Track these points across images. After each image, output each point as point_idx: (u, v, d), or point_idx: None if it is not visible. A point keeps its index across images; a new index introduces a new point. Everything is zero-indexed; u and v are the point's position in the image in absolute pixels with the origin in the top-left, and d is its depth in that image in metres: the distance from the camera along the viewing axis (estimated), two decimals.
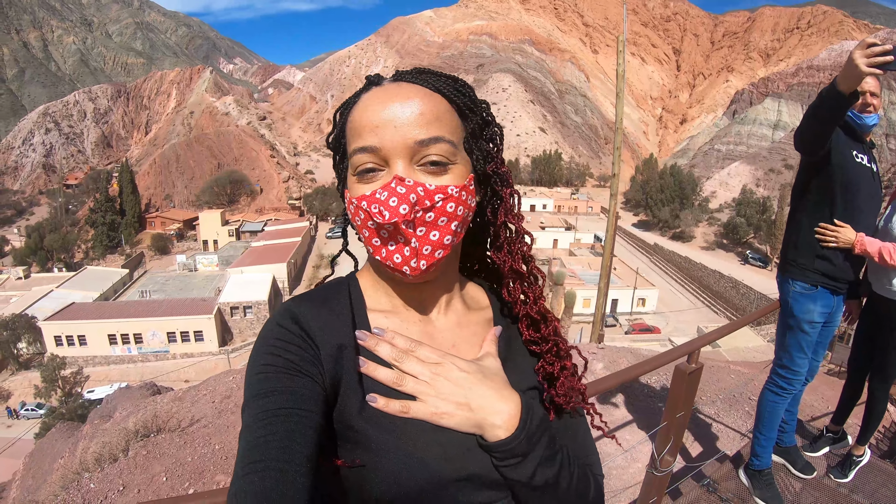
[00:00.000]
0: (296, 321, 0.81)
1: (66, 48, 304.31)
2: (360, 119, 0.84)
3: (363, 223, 0.83)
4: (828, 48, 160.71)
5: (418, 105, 0.83)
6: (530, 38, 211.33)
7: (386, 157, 0.82)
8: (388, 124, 0.81)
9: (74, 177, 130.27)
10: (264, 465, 0.65)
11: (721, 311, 51.95)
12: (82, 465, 5.59)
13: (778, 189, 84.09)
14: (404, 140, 0.81)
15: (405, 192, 0.79)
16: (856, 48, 2.21)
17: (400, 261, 0.82)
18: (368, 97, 0.86)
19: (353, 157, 0.84)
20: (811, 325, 3.01)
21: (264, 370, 0.76)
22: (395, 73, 0.91)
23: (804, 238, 2.92)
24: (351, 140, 0.85)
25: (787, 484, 3.56)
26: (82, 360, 40.21)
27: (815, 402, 7.61)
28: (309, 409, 0.73)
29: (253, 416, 0.71)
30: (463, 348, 0.94)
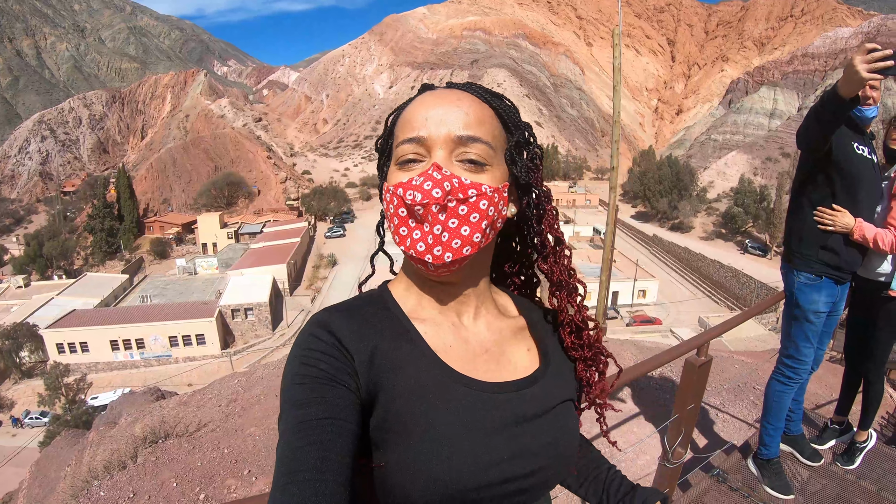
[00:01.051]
0: (329, 330, 0.82)
1: (59, 55, 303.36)
2: (409, 114, 0.88)
3: (395, 210, 0.86)
4: (822, 35, 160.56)
5: (466, 107, 0.88)
6: (524, 32, 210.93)
7: (428, 147, 0.85)
8: (434, 118, 0.85)
9: (72, 183, 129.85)
10: (302, 477, 0.66)
11: (722, 301, 51.96)
12: (91, 473, 5.59)
13: (776, 177, 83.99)
14: (448, 132, 0.84)
15: (440, 178, 0.82)
16: (856, 54, 2.21)
17: (423, 249, 0.83)
18: (420, 97, 0.91)
19: (398, 147, 0.87)
20: (816, 315, 3.03)
21: (300, 381, 0.77)
22: (447, 84, 0.94)
23: (808, 229, 2.94)
24: (398, 134, 0.89)
25: (794, 472, 3.58)
26: (85, 366, 40.22)
27: (818, 390, 7.63)
28: (344, 419, 0.74)
29: (290, 426, 0.72)
30: (495, 354, 0.95)
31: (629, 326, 43.04)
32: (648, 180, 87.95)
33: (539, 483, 0.88)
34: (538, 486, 0.88)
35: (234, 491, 5.33)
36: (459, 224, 0.83)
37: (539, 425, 0.90)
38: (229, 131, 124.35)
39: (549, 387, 0.95)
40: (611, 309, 44.76)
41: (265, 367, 11.19)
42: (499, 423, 0.85)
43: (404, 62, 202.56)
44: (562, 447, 0.92)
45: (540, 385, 0.94)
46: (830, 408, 6.66)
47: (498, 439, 0.84)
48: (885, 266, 3.08)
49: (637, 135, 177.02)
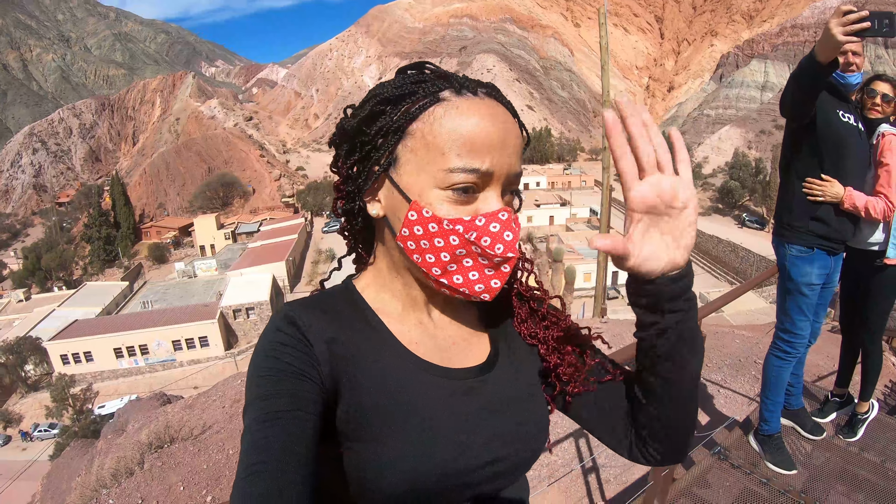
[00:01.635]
0: (293, 323, 0.81)
1: (45, 66, 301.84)
2: (468, 132, 0.78)
3: (448, 246, 0.80)
4: (811, 6, 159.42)
5: (517, 134, 0.82)
6: (511, 16, 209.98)
7: (489, 181, 0.80)
8: (502, 148, 0.79)
9: (66, 194, 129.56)
10: (265, 467, 0.66)
11: (721, 276, 52.02)
12: (99, 482, 5.61)
13: (770, 150, 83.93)
14: (510, 169, 0.80)
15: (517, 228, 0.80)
16: (832, 17, 2.20)
17: (482, 290, 0.82)
18: (472, 107, 0.80)
19: (456, 174, 0.78)
20: (810, 288, 3.02)
21: (264, 373, 0.76)
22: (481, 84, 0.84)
23: (798, 201, 2.93)
24: (449, 150, 0.78)
25: (797, 446, 3.58)
26: (90, 376, 40.32)
27: (820, 360, 7.65)
28: (309, 412, 0.74)
29: (253, 418, 0.72)
30: (461, 345, 0.94)
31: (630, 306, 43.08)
32: None
33: (510, 467, 0.88)
34: (510, 470, 0.88)
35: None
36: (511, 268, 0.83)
37: (503, 410, 0.89)
38: (221, 132, 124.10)
39: (508, 371, 0.94)
40: (611, 289, 44.83)
41: None
42: (466, 409, 0.86)
43: (392, 52, 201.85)
44: (528, 431, 0.91)
45: (498, 369, 0.93)
46: (832, 379, 6.69)
47: (466, 425, 0.84)
48: (876, 235, 3.07)
49: None
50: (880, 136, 2.98)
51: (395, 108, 0.82)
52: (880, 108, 3.02)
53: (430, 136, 0.79)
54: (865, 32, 2.14)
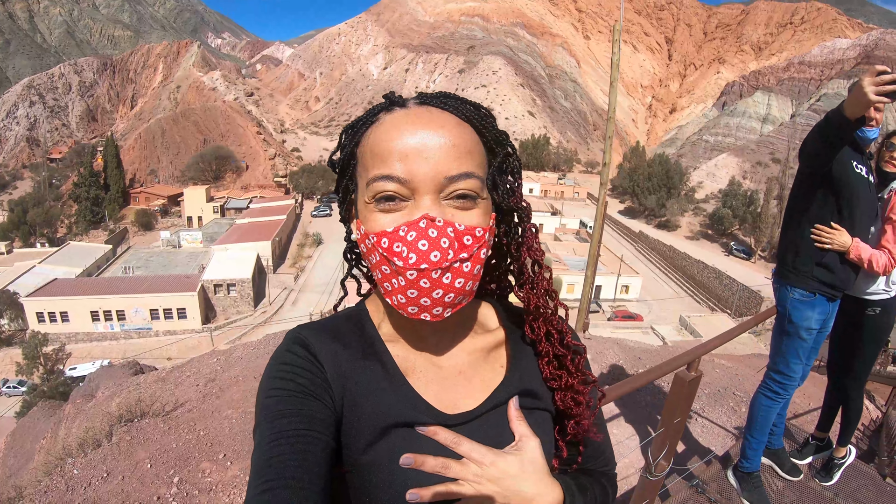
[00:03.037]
0: (305, 346, 0.82)
1: (52, 20, 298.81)
2: (384, 142, 0.78)
3: (378, 264, 0.79)
4: (820, 45, 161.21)
5: (450, 136, 0.78)
6: (522, 21, 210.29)
7: (413, 189, 0.77)
8: (417, 154, 0.76)
9: (59, 150, 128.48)
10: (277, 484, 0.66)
11: (703, 301, 52.39)
12: (66, 451, 5.52)
13: (765, 182, 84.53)
14: (435, 174, 0.76)
15: (436, 235, 0.75)
16: (865, 75, 2.21)
17: (416, 311, 0.78)
18: (393, 119, 0.80)
19: (373, 184, 0.77)
20: (808, 332, 3.03)
21: (276, 394, 0.76)
22: (418, 96, 0.85)
23: (805, 245, 2.93)
24: (371, 164, 0.79)
25: (770, 484, 3.60)
26: (64, 336, 39.91)
27: (797, 399, 7.68)
28: (320, 431, 0.74)
29: (266, 437, 0.71)
30: (468, 374, 0.92)
31: (610, 321, 43.32)
32: (638, 177, 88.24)
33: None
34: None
35: (208, 475, 5.28)
36: (454, 277, 0.77)
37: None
38: (220, 104, 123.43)
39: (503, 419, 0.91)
40: (593, 303, 45.04)
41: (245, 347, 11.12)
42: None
43: (400, 44, 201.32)
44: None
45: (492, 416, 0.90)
46: (808, 418, 6.71)
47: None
48: (874, 286, 3.12)
49: (629, 130, 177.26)
50: (893, 191, 3.01)
51: (349, 137, 0.85)
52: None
53: (363, 157, 0.81)
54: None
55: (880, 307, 3.16)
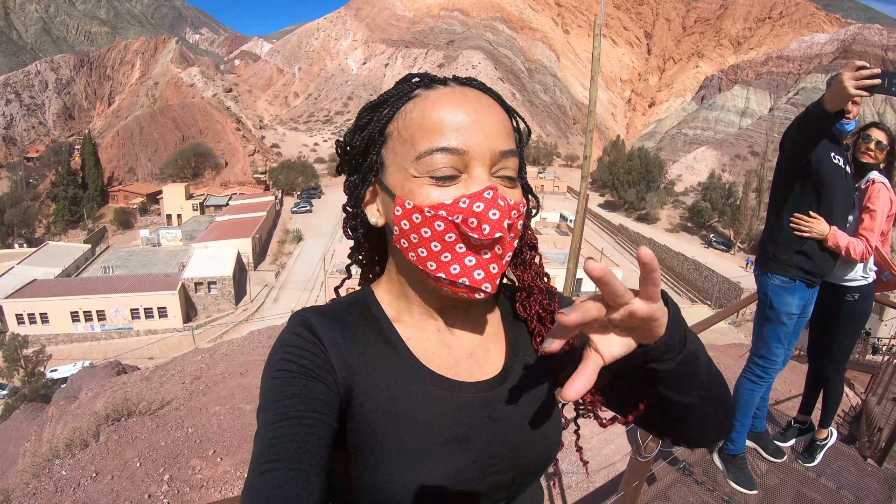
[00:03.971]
0: (309, 328, 0.82)
1: (28, 16, 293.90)
2: (435, 116, 0.78)
3: (436, 234, 0.77)
4: (798, 39, 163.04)
5: (499, 114, 0.81)
6: (502, 15, 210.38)
7: (468, 162, 0.77)
8: (474, 126, 0.77)
9: (35, 149, 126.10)
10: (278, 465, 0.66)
11: (684, 293, 52.90)
12: (53, 452, 5.49)
13: (743, 175, 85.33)
14: (491, 146, 0.78)
15: (506, 206, 0.76)
16: (845, 70, 2.28)
17: (482, 277, 0.77)
18: (441, 94, 0.81)
19: (430, 157, 0.77)
20: (789, 317, 3.13)
21: (280, 375, 0.76)
22: (454, 78, 0.86)
23: (785, 234, 3.02)
24: (420, 137, 0.78)
25: (754, 465, 3.70)
26: (45, 338, 39.48)
27: (778, 385, 7.84)
28: (323, 413, 0.74)
29: (268, 418, 0.72)
30: (478, 355, 0.93)
31: None
32: (618, 170, 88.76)
33: (517, 478, 0.88)
34: (518, 481, 0.89)
35: (198, 472, 5.29)
36: (505, 252, 0.79)
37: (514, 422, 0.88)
38: (198, 101, 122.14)
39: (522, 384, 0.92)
40: (575, 295, 45.28)
41: (229, 344, 11.10)
42: (474, 421, 0.85)
43: (379, 39, 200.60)
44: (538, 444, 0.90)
45: (512, 382, 0.91)
46: (790, 404, 6.85)
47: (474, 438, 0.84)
48: (852, 273, 3.23)
49: (609, 124, 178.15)
50: (870, 182, 3.12)
51: (376, 115, 0.84)
52: (873, 153, 3.15)
53: (404, 132, 0.80)
54: (875, 89, 2.22)
55: (858, 293, 3.26)
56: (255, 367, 8.62)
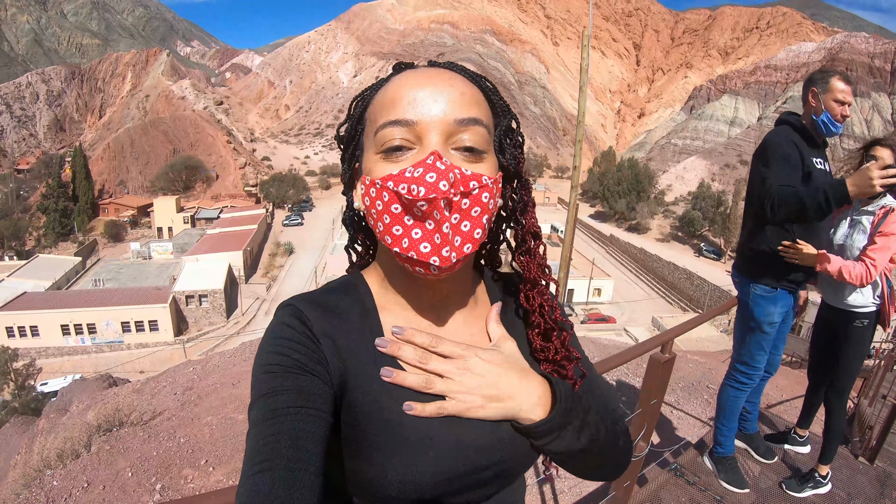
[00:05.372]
0: (301, 320, 0.80)
1: (19, 27, 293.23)
2: (392, 93, 0.79)
3: (385, 207, 0.77)
4: (786, 48, 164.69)
5: (459, 86, 0.80)
6: (492, 28, 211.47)
7: (420, 133, 0.77)
8: (426, 98, 0.77)
9: (26, 161, 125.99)
10: (273, 464, 0.65)
11: (675, 302, 53.04)
12: (44, 462, 5.46)
13: (733, 184, 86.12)
14: (444, 116, 0.76)
15: (444, 168, 0.74)
16: (873, 166, 2.43)
17: (428, 250, 0.76)
18: (403, 75, 0.82)
19: (381, 131, 0.78)
20: (771, 326, 3.15)
21: (271, 369, 0.75)
22: (429, 62, 0.87)
23: (765, 242, 3.01)
24: (378, 115, 0.80)
25: (746, 467, 3.72)
26: (35, 351, 39.17)
27: (769, 391, 7.89)
28: (317, 408, 0.73)
29: (260, 415, 0.71)
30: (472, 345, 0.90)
31: (584, 324, 43.66)
32: (608, 181, 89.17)
33: (503, 472, 0.87)
34: (503, 474, 0.87)
35: (191, 481, 5.27)
36: (461, 220, 0.77)
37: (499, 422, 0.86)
38: (190, 113, 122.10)
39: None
40: (566, 306, 45.39)
41: (220, 356, 11.07)
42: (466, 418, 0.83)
43: (370, 52, 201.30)
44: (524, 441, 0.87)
45: None
46: (781, 408, 6.90)
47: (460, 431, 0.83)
48: (855, 297, 3.14)
49: (598, 136, 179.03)
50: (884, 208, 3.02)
51: (359, 102, 0.87)
52: None
53: (370, 113, 0.82)
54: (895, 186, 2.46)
55: (867, 319, 3.17)
56: (247, 378, 8.58)
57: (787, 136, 2.89)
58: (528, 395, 0.83)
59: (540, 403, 0.83)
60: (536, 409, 0.83)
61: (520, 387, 0.83)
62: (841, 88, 2.81)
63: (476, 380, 0.81)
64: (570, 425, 0.84)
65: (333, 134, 0.80)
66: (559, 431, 0.83)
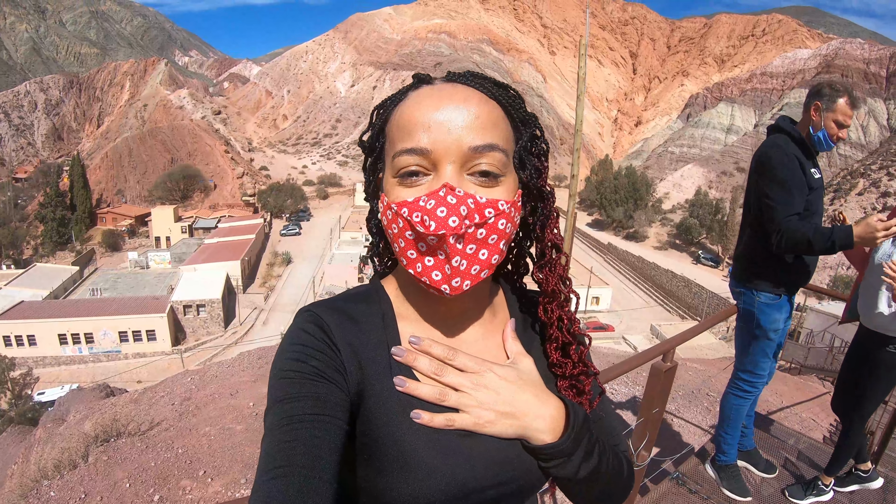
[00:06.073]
0: (320, 326, 0.80)
1: (18, 36, 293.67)
2: (408, 117, 0.79)
3: (400, 232, 0.78)
4: (781, 55, 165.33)
5: (475, 108, 0.78)
6: (489, 37, 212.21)
7: (435, 161, 0.77)
8: (440, 126, 0.76)
9: (24, 170, 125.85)
10: (287, 471, 0.65)
11: (674, 310, 53.04)
12: (41, 472, 5.42)
13: (730, 191, 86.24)
14: (458, 144, 0.76)
15: (455, 202, 0.75)
16: (880, 222, 2.53)
17: (439, 278, 0.77)
18: (419, 95, 0.81)
19: (398, 158, 0.78)
20: (776, 333, 3.13)
21: (288, 375, 0.75)
22: (447, 74, 0.86)
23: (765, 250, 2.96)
24: (396, 139, 0.80)
25: (748, 475, 3.69)
26: (32, 360, 39.11)
27: (769, 397, 7.87)
28: (333, 415, 0.72)
29: (276, 421, 0.70)
30: (488, 359, 0.89)
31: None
32: (605, 189, 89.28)
33: (515, 491, 0.86)
34: (514, 493, 0.86)
35: (189, 492, 5.23)
36: (478, 249, 0.77)
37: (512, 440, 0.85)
38: (188, 123, 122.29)
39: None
40: None
41: (219, 366, 11.03)
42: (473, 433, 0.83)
43: (367, 62, 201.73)
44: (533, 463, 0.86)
45: None
46: (781, 415, 6.88)
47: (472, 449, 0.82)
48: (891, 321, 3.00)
49: (596, 144, 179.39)
50: None
51: (380, 115, 0.86)
52: None
53: (390, 132, 0.82)
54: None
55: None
56: (246, 389, 8.56)
57: (788, 150, 2.87)
58: (542, 416, 0.83)
59: (552, 426, 0.83)
60: (548, 431, 0.82)
61: (534, 406, 0.83)
62: (845, 112, 2.80)
63: (490, 395, 0.81)
64: (577, 452, 0.83)
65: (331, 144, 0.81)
66: (567, 457, 0.83)
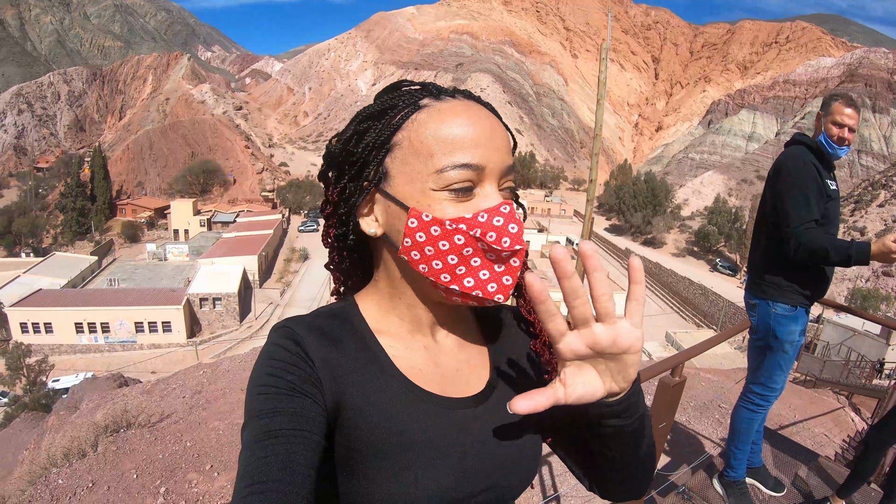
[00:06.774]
0: (295, 341, 0.80)
1: (42, 28, 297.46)
2: (452, 128, 0.78)
3: (454, 248, 0.77)
4: (804, 63, 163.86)
5: (502, 130, 0.82)
6: (511, 39, 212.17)
7: (483, 177, 0.78)
8: (490, 142, 0.78)
9: (46, 160, 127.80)
10: (264, 487, 0.64)
11: (689, 318, 52.63)
12: (50, 460, 5.47)
13: (749, 199, 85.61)
14: (503, 162, 0.79)
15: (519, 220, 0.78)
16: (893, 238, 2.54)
17: (494, 289, 0.78)
18: (454, 107, 0.80)
19: (450, 172, 0.77)
20: (792, 346, 3.06)
21: (264, 391, 0.75)
22: (455, 89, 0.86)
23: (782, 260, 2.94)
24: (438, 150, 0.77)
25: (756, 492, 3.64)
26: (48, 348, 39.43)
27: (781, 410, 7.77)
28: (310, 430, 0.72)
29: (252, 436, 0.70)
30: (465, 371, 0.92)
31: None
32: (624, 194, 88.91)
33: (501, 495, 0.87)
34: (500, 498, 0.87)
35: (195, 486, 5.26)
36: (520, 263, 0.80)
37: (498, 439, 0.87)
38: (209, 118, 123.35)
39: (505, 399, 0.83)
40: None
41: (231, 360, 11.07)
42: (462, 438, 0.84)
43: (389, 60, 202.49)
44: (521, 460, 0.89)
45: (496, 397, 0.91)
46: (793, 429, 6.79)
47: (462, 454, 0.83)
48: None
49: (616, 148, 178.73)
50: None
51: (380, 123, 0.82)
52: None
53: (417, 142, 0.79)
54: None
55: None
56: None
57: (805, 158, 2.85)
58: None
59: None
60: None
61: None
62: (840, 111, 2.80)
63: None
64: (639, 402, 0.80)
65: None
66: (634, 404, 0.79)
